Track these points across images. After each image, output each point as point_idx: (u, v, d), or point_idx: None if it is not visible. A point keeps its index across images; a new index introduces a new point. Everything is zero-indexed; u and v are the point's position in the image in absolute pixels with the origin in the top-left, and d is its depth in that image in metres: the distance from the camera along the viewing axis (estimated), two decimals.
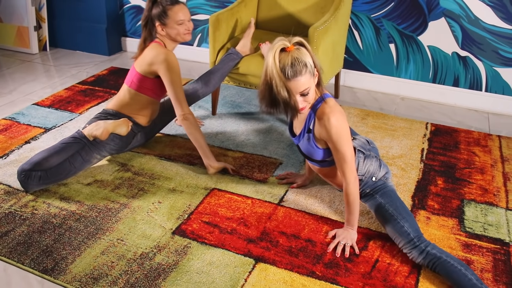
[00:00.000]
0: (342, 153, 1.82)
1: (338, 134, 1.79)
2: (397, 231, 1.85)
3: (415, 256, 1.81)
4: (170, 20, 2.35)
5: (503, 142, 2.81)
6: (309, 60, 1.72)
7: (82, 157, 2.26)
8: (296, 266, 1.83)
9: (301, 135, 1.95)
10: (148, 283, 1.73)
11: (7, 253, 1.86)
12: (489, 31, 3.05)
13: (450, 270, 1.71)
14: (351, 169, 1.85)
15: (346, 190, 1.88)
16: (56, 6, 4.14)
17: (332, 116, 1.78)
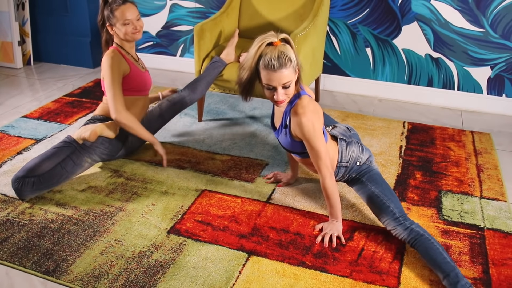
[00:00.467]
0: (316, 150, 1.94)
1: (309, 133, 1.91)
2: (385, 212, 1.98)
3: (399, 232, 1.93)
4: (117, 20, 2.42)
5: (475, 137, 2.97)
6: (293, 56, 1.85)
7: (73, 161, 2.34)
8: (287, 258, 1.94)
9: (280, 130, 2.07)
10: (147, 279, 1.82)
11: (8, 257, 1.93)
12: (459, 33, 3.22)
13: (428, 247, 1.83)
14: (325, 165, 1.96)
15: (323, 184, 1.99)
16: (40, 21, 4.21)
17: (304, 117, 1.89)
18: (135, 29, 2.45)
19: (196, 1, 3.82)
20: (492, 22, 3.12)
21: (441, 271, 1.78)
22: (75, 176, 2.42)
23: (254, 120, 3.16)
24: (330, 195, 2.00)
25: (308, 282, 1.81)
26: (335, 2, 3.41)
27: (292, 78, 1.86)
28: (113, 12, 2.41)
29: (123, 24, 2.42)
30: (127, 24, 2.42)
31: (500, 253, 1.99)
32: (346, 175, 2.12)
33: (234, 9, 3.22)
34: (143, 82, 2.56)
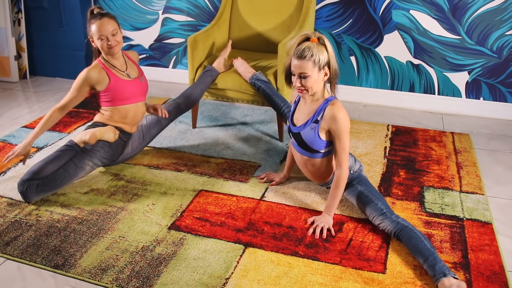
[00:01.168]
0: (343, 143, 2.15)
1: (344, 127, 2.13)
2: (373, 208, 2.16)
3: (386, 225, 2.10)
4: (94, 34, 2.49)
5: (455, 137, 3.15)
6: (322, 57, 2.07)
7: (75, 163, 2.46)
8: (281, 248, 2.08)
9: (306, 124, 2.23)
10: (151, 270, 1.95)
11: (19, 254, 2.05)
12: (437, 40, 3.42)
13: (411, 236, 2.00)
14: (347, 159, 2.19)
15: (339, 175, 2.18)
16: (35, 36, 4.35)
17: (342, 111, 2.14)
18: (109, 44, 2.47)
19: (187, 15, 3.98)
20: (467, 29, 3.32)
21: (421, 255, 1.93)
22: (77, 179, 2.54)
23: (246, 126, 3.32)
24: (340, 187, 2.19)
25: (301, 269, 1.95)
26: (320, 13, 3.59)
27: (310, 73, 2.08)
28: (90, 26, 2.49)
29: (98, 39, 2.47)
30: (102, 39, 2.47)
31: (478, 240, 2.14)
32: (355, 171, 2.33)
33: (225, 21, 3.39)
34: (128, 90, 2.59)
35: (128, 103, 2.62)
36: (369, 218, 2.21)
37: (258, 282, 1.88)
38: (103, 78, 2.54)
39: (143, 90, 2.71)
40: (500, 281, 1.90)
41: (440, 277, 1.82)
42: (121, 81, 2.59)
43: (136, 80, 2.67)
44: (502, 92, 3.43)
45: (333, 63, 2.13)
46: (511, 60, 3.32)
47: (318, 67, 2.08)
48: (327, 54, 2.09)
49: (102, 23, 2.45)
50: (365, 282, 1.89)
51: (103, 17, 2.46)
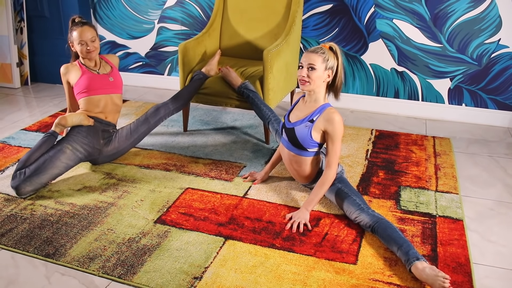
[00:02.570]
0: (336, 146, 2.32)
1: (339, 131, 2.31)
2: (351, 203, 2.29)
3: (363, 218, 2.22)
4: (74, 39, 2.78)
5: (436, 141, 3.27)
6: (331, 59, 2.28)
7: (54, 147, 2.66)
8: (259, 241, 2.20)
9: (302, 121, 2.39)
10: (136, 259, 2.07)
11: (13, 244, 2.18)
12: (420, 48, 3.56)
13: (387, 226, 2.13)
14: (337, 161, 2.34)
15: (327, 175, 2.33)
16: (37, 44, 4.52)
17: (339, 117, 2.33)
18: (88, 49, 2.77)
19: (181, 24, 4.14)
20: (448, 38, 3.46)
21: (395, 243, 2.05)
22: (62, 164, 2.64)
23: (235, 130, 3.45)
24: (325, 185, 2.33)
25: (277, 260, 2.08)
26: (308, 22, 3.74)
27: (318, 67, 2.27)
28: (71, 32, 2.77)
29: (78, 44, 2.76)
30: (82, 44, 2.75)
31: (448, 235, 2.26)
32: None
33: (215, 30, 3.54)
34: (96, 82, 2.84)
35: (98, 93, 2.84)
36: (347, 213, 2.34)
37: (235, 271, 2.01)
38: (74, 70, 2.85)
39: (114, 85, 2.92)
40: (464, 272, 2.01)
41: (414, 260, 1.95)
42: (91, 74, 2.85)
43: (105, 76, 2.90)
44: (483, 99, 3.56)
45: (340, 71, 2.33)
46: (490, 67, 3.45)
47: (325, 66, 2.28)
48: (336, 61, 2.31)
49: (83, 30, 2.74)
50: (336, 272, 2.01)
51: (84, 25, 2.76)
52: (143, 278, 1.96)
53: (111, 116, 2.92)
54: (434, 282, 1.86)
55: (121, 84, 2.99)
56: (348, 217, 2.34)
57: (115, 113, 2.95)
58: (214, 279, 1.95)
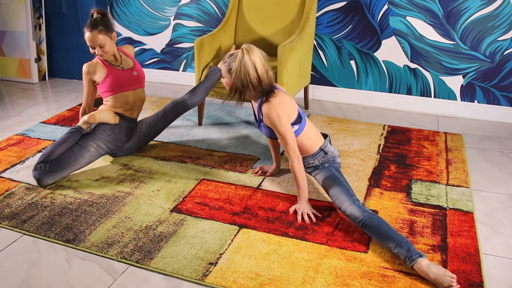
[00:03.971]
0: (282, 135, 2.32)
1: (274, 121, 2.31)
2: (342, 191, 2.26)
3: (354, 211, 2.17)
4: (86, 40, 2.76)
5: (448, 137, 3.30)
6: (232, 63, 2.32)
7: (79, 144, 2.69)
8: (273, 230, 2.26)
9: (260, 124, 2.48)
10: (153, 245, 2.14)
11: (35, 230, 2.26)
12: (432, 45, 3.59)
13: (381, 222, 2.10)
14: (292, 149, 2.33)
15: (291, 168, 2.35)
16: (54, 40, 4.62)
17: (270, 109, 2.31)
18: (97, 54, 2.77)
19: (197, 21, 4.21)
20: (461, 35, 3.49)
21: (393, 240, 2.03)
22: (85, 160, 2.71)
23: (249, 124, 3.51)
24: (298, 177, 2.34)
25: (290, 248, 2.13)
26: (321, 19, 3.79)
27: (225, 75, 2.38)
28: (85, 31, 2.75)
29: (89, 46, 2.77)
30: (91, 47, 2.76)
31: (458, 226, 2.30)
32: (321, 161, 2.46)
33: (231, 26, 3.61)
34: (124, 79, 2.87)
35: (125, 90, 2.88)
36: (335, 201, 2.28)
37: (249, 257, 2.06)
38: (99, 68, 2.83)
39: (138, 79, 2.96)
40: (473, 262, 2.05)
41: (417, 257, 1.95)
42: (117, 71, 2.87)
43: (129, 71, 2.93)
44: (495, 96, 3.58)
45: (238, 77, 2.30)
46: (503, 64, 3.47)
47: (230, 73, 2.34)
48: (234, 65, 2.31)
49: (91, 36, 2.72)
50: (348, 260, 2.06)
51: (93, 30, 2.70)
52: (160, 263, 2.02)
53: (136, 113, 2.98)
54: (443, 281, 1.85)
55: (144, 77, 3.02)
56: (335, 204, 2.28)
57: (140, 109, 3.02)
58: (228, 265, 2.01)
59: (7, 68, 4.61)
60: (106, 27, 2.75)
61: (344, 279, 1.94)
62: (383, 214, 2.38)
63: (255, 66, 2.28)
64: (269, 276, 1.95)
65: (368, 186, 2.65)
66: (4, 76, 4.65)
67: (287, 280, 1.93)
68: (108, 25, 2.76)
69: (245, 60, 2.27)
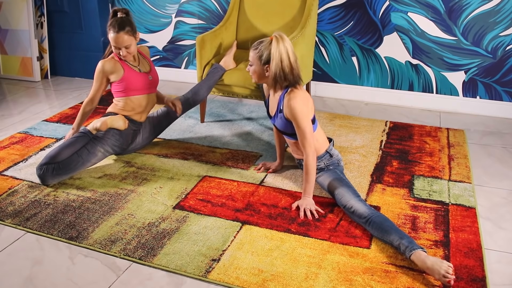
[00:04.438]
0: (302, 129, 2.31)
1: (297, 114, 2.29)
2: (349, 191, 2.31)
3: (360, 207, 2.20)
4: (110, 40, 2.68)
5: (450, 132, 3.30)
6: (266, 53, 2.30)
7: (88, 149, 2.68)
8: (275, 226, 2.26)
9: (276, 116, 2.44)
10: (156, 242, 2.15)
11: (38, 227, 2.27)
12: (434, 41, 3.58)
13: (386, 219, 2.13)
14: (309, 144, 2.33)
15: (305, 161, 2.34)
16: (56, 38, 4.63)
17: (295, 100, 2.30)
18: (122, 55, 2.69)
19: (198, 18, 4.21)
20: (463, 31, 3.48)
21: (396, 234, 2.04)
22: (90, 164, 2.74)
23: (251, 121, 3.52)
24: (310, 171, 2.34)
25: (292, 244, 2.13)
26: (323, 16, 3.79)
27: (253, 62, 2.38)
28: (109, 31, 2.68)
29: (113, 47, 2.69)
30: (116, 48, 2.68)
31: (460, 222, 2.30)
32: (326, 163, 2.48)
33: (232, 23, 3.60)
34: (140, 82, 2.81)
35: (140, 94, 2.84)
36: (341, 199, 2.29)
37: (252, 253, 2.07)
38: (118, 69, 2.76)
39: (153, 83, 2.93)
40: (476, 257, 2.05)
41: (417, 248, 1.95)
42: (134, 73, 2.81)
43: (146, 75, 2.88)
44: (497, 91, 3.58)
45: (276, 65, 2.28)
46: (505, 60, 3.46)
47: (261, 61, 2.32)
48: (269, 54, 2.30)
49: (117, 38, 2.63)
50: (350, 256, 2.06)
51: (120, 32, 2.62)
52: (163, 260, 2.03)
53: (145, 116, 2.95)
54: (440, 267, 1.85)
55: (158, 82, 2.97)
56: (340, 203, 2.31)
57: (149, 112, 2.99)
58: (231, 261, 2.02)
59: (9, 66, 4.62)
60: (132, 28, 2.68)
61: (347, 274, 1.94)
62: (385, 210, 2.38)
63: (288, 54, 2.29)
64: (272, 272, 1.95)
65: (370, 182, 2.65)
66: (7, 74, 4.66)
67: (290, 276, 1.93)
68: (133, 26, 2.69)
69: (280, 48, 2.27)
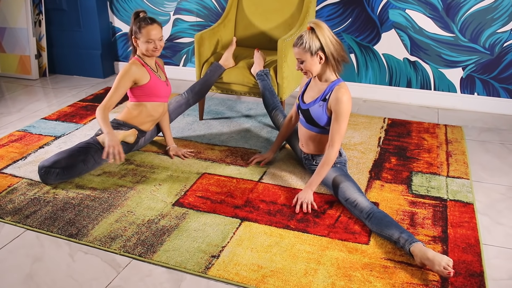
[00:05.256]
0: (340, 125, 2.33)
1: (344, 109, 2.31)
2: (354, 186, 2.33)
3: (363, 202, 2.24)
4: (142, 36, 2.69)
5: (448, 129, 3.31)
6: (313, 43, 2.28)
7: (94, 159, 2.68)
8: (274, 222, 2.27)
9: (315, 102, 2.43)
10: (155, 239, 2.16)
11: (38, 225, 2.27)
12: (432, 38, 3.59)
13: (386, 215, 2.14)
14: (340, 140, 2.36)
15: (328, 155, 2.36)
16: (55, 36, 4.63)
17: (346, 95, 2.31)
18: (155, 48, 2.69)
19: (196, 15, 4.21)
20: (461, 27, 3.49)
21: (396, 229, 2.06)
22: (94, 170, 2.76)
23: (250, 118, 3.52)
24: (327, 164, 2.36)
25: (291, 240, 2.14)
26: (321, 13, 3.79)
27: (302, 57, 2.32)
28: (140, 29, 2.67)
29: (146, 42, 2.66)
30: (149, 42, 2.66)
31: (458, 217, 2.31)
32: (336, 161, 2.49)
33: (230, 21, 3.61)
34: (162, 89, 2.84)
35: (159, 101, 2.85)
36: (345, 193, 2.31)
37: (251, 250, 2.08)
38: (144, 73, 2.74)
39: (169, 92, 2.94)
40: (474, 252, 2.07)
41: (416, 240, 1.98)
42: (157, 79, 2.82)
43: (165, 82, 2.90)
44: (495, 88, 3.59)
45: (328, 48, 2.29)
46: (503, 56, 3.47)
47: (310, 52, 2.29)
48: (318, 41, 2.28)
49: (153, 29, 2.66)
50: (349, 251, 2.07)
51: (154, 23, 2.67)
52: (163, 257, 2.04)
53: (154, 125, 2.95)
54: (441, 260, 1.86)
55: (170, 93, 2.98)
56: (343, 196, 2.32)
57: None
58: (231, 257, 2.03)
59: (8, 64, 4.62)
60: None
61: (346, 270, 1.96)
62: (384, 206, 2.39)
63: (333, 35, 2.32)
64: (271, 268, 1.96)
65: (369, 179, 2.67)
66: (5, 72, 4.66)
67: (289, 272, 1.94)
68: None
69: (325, 31, 2.29)
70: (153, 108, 2.85)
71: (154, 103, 2.84)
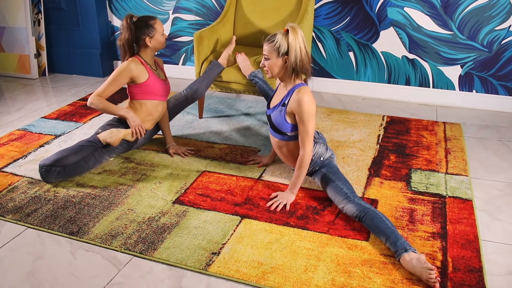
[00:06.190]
0: (306, 126, 2.30)
1: (307, 111, 2.27)
2: (336, 191, 2.31)
3: (350, 208, 2.22)
4: (157, 31, 2.73)
5: (447, 126, 3.33)
6: (283, 45, 2.26)
7: (95, 157, 2.69)
8: (274, 220, 2.28)
9: (275, 107, 2.42)
10: (156, 236, 2.17)
11: (39, 223, 2.28)
12: (430, 36, 3.60)
13: (374, 217, 2.12)
14: (310, 142, 2.33)
15: (302, 157, 2.34)
16: (54, 35, 4.63)
17: (306, 96, 2.27)
18: (166, 38, 2.81)
19: (195, 14, 4.22)
20: (459, 25, 3.50)
21: (383, 234, 2.06)
22: (94, 168, 2.77)
23: (249, 117, 3.53)
24: (302, 167, 2.35)
25: (291, 237, 2.16)
26: (320, 11, 3.80)
27: (269, 56, 2.30)
28: (153, 26, 2.72)
29: (161, 35, 2.75)
30: (163, 34, 2.77)
31: (457, 214, 2.33)
32: (311, 167, 2.47)
33: (229, 19, 3.62)
34: (161, 88, 2.86)
35: (158, 99, 2.86)
36: (334, 202, 2.34)
37: (251, 247, 2.09)
38: (143, 71, 2.76)
39: (168, 91, 2.95)
40: (473, 248, 2.08)
41: (402, 252, 1.96)
42: (155, 77, 2.83)
43: (164, 81, 2.92)
44: (493, 85, 3.60)
45: (294, 55, 2.26)
46: (501, 54, 3.49)
47: (277, 53, 2.28)
48: (288, 45, 2.26)
49: (160, 22, 2.78)
50: (349, 248, 2.09)
51: (155, 17, 2.78)
52: (164, 254, 2.05)
53: (154, 124, 2.96)
54: (421, 274, 1.86)
55: (170, 91, 3.00)
56: (333, 201, 2.35)
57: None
58: (231, 254, 2.04)
59: (7, 64, 4.62)
60: None
61: (346, 266, 1.97)
62: (383, 203, 2.41)
63: (305, 45, 2.29)
64: (272, 265, 1.97)
65: (368, 176, 2.68)
66: (4, 72, 4.66)
67: (289, 268, 1.96)
68: None
69: (298, 37, 2.26)
70: (152, 107, 2.86)
71: (154, 101, 2.85)
